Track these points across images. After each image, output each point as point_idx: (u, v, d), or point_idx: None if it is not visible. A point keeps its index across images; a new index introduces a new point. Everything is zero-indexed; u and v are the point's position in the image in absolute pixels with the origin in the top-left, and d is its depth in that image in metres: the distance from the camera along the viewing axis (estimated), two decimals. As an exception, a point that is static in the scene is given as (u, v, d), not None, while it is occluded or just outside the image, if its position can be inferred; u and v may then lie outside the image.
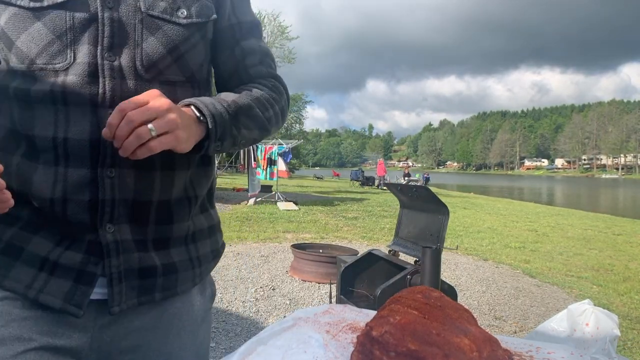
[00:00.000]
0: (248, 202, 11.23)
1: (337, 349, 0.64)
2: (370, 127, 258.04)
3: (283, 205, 10.53)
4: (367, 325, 0.61)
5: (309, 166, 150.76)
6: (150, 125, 0.61)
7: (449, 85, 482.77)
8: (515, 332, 3.43)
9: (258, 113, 0.80)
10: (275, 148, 11.61)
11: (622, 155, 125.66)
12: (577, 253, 6.80)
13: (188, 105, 0.70)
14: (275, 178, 11.59)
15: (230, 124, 0.73)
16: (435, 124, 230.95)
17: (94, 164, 0.69)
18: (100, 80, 0.68)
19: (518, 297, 4.35)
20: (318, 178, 36.05)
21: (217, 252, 0.90)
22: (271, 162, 11.47)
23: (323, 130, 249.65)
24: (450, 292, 2.26)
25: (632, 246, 7.78)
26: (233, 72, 0.87)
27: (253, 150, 11.99)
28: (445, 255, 5.70)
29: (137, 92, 0.67)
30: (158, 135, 0.62)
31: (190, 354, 0.82)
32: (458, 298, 2.79)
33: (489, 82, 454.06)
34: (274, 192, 11.86)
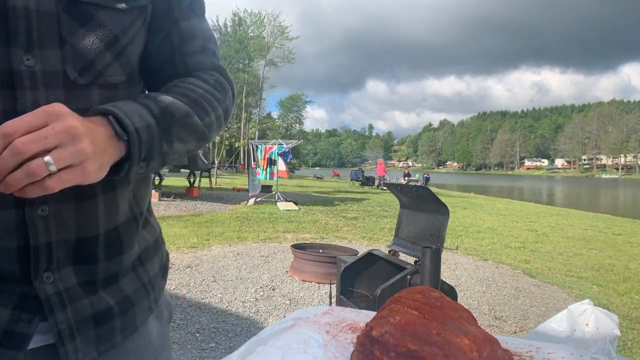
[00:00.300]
0: (248, 202, 11.24)
1: (337, 349, 0.64)
2: (370, 127, 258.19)
3: (283, 205, 10.53)
4: (367, 325, 0.61)
5: (309, 166, 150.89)
6: (47, 158, 0.45)
7: (448, 85, 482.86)
8: (515, 332, 3.43)
9: (196, 121, 0.64)
10: (275, 148, 11.62)
11: (622, 155, 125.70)
12: (577, 253, 6.80)
13: (104, 114, 0.53)
14: (275, 178, 11.60)
15: (160, 139, 0.58)
16: (435, 124, 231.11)
17: (19, 202, 0.53)
18: (18, 92, 0.52)
19: (518, 297, 4.35)
20: (318, 178, 36.07)
21: (165, 268, 0.77)
22: (271, 162, 11.47)
23: (323, 130, 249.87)
24: (450, 292, 2.26)
25: (632, 246, 7.78)
26: (166, 62, 0.69)
27: (253, 150, 12.00)
28: (445, 255, 5.70)
29: (71, 102, 0.52)
30: (59, 169, 0.46)
31: None
32: (458, 298, 2.79)
33: (489, 82, 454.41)
34: (274, 192, 11.87)
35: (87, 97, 0.57)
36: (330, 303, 2.80)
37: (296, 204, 11.03)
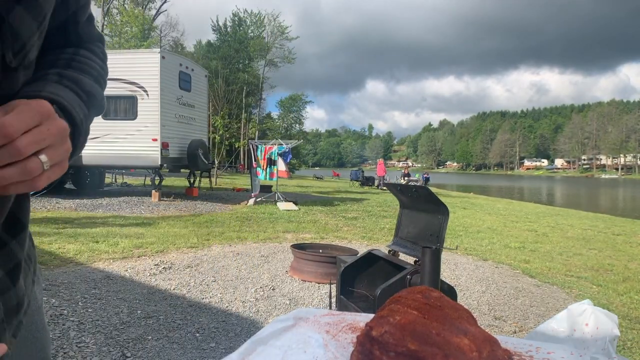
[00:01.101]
0: (248, 202, 11.24)
1: (337, 349, 0.64)
2: (370, 127, 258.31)
3: (283, 205, 10.53)
4: (367, 325, 0.61)
5: (308, 166, 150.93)
6: (43, 158, 0.45)
7: (448, 85, 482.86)
8: (515, 332, 3.43)
9: (103, 102, 0.65)
10: (275, 148, 11.62)
11: (621, 155, 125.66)
12: (577, 253, 6.81)
13: (49, 102, 0.50)
14: (275, 178, 11.61)
15: (88, 128, 0.57)
16: (435, 124, 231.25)
17: None
18: None
19: (518, 297, 4.35)
20: (318, 178, 36.07)
21: (29, 234, 0.69)
22: (271, 162, 11.48)
23: (323, 130, 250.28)
24: (450, 292, 2.26)
25: (632, 246, 7.78)
26: (58, 28, 0.62)
27: (253, 150, 12.00)
28: (445, 255, 5.71)
29: (3, 88, 0.50)
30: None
31: (48, 345, 0.71)
32: (458, 298, 2.80)
33: (488, 82, 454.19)
34: (274, 192, 11.88)
35: (16, 80, 0.53)
36: (330, 303, 2.80)
37: (296, 204, 11.03)
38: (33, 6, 0.50)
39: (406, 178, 24.09)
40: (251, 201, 11.23)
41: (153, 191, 11.03)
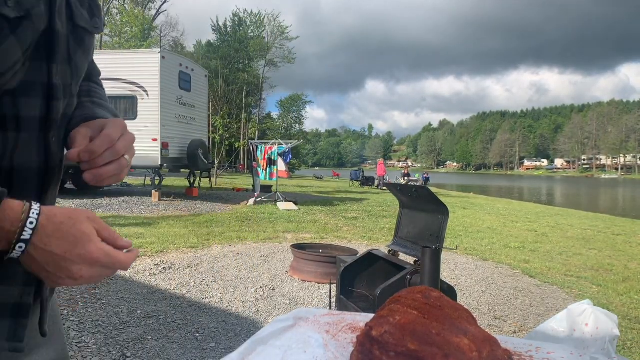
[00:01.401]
0: (248, 202, 11.24)
1: (337, 349, 0.64)
2: (370, 127, 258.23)
3: (283, 205, 10.53)
4: (366, 325, 0.61)
5: (308, 166, 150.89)
6: (127, 157, 0.65)
7: (447, 85, 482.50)
8: (515, 332, 3.43)
9: None
10: (275, 148, 11.62)
11: (621, 155, 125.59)
12: (577, 253, 6.81)
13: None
14: (275, 178, 11.61)
15: None
16: (435, 124, 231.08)
17: (38, 196, 0.64)
18: (54, 103, 0.63)
19: (518, 297, 4.36)
20: (318, 178, 36.06)
21: None
22: (271, 162, 11.47)
23: (323, 130, 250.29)
24: (450, 292, 2.26)
25: (632, 246, 7.79)
26: None
27: (253, 150, 12.00)
28: (445, 255, 5.70)
29: (66, 110, 0.67)
30: None
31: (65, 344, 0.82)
32: (458, 298, 2.80)
33: (488, 82, 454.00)
34: (274, 192, 11.87)
35: (73, 104, 0.71)
36: (330, 303, 2.80)
37: (296, 204, 11.02)
38: (86, 49, 0.70)
39: (406, 178, 24.09)
40: (251, 201, 11.23)
41: (153, 191, 11.03)
